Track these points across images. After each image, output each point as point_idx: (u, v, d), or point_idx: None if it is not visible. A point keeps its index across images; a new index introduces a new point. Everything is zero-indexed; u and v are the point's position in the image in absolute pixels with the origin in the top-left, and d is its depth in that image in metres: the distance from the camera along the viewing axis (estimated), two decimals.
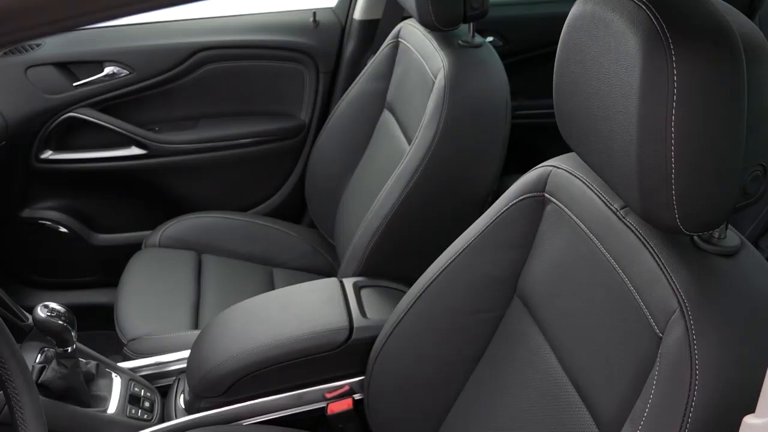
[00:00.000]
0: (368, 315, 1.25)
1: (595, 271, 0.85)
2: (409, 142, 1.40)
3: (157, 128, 1.88)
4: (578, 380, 0.85)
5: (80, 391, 1.18)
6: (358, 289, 1.32)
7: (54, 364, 1.16)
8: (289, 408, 1.22)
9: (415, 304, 1.09)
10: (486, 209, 1.07)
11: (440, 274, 1.07)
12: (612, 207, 0.85)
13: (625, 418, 0.74)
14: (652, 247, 0.78)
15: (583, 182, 0.91)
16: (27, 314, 1.25)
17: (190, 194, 1.92)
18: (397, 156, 1.42)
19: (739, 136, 0.67)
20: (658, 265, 0.76)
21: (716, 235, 0.77)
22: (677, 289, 0.73)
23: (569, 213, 0.91)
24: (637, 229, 0.81)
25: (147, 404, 1.26)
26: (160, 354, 1.37)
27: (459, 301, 1.06)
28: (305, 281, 1.42)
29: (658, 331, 0.74)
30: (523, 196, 0.99)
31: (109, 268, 1.78)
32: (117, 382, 1.26)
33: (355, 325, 1.22)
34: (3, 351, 0.97)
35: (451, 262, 1.07)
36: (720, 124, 0.66)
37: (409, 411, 1.12)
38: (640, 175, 0.69)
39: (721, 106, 0.66)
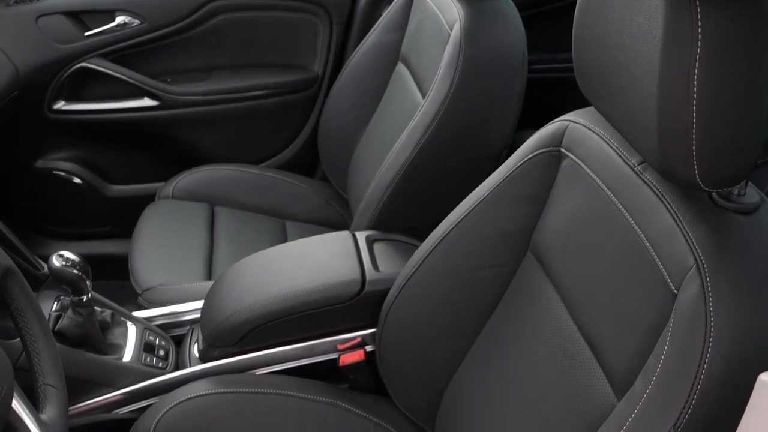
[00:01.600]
0: (380, 268, 1.25)
1: (610, 227, 0.85)
2: (424, 95, 1.38)
3: (169, 79, 1.87)
4: (590, 335, 0.85)
5: (96, 338, 1.20)
6: (370, 242, 1.32)
7: (70, 312, 1.17)
8: (302, 359, 1.23)
9: (427, 258, 1.10)
10: (501, 164, 1.06)
11: (453, 228, 1.07)
12: (629, 162, 0.84)
13: (637, 373, 0.74)
14: (669, 203, 0.77)
15: (601, 137, 0.90)
16: (42, 263, 1.26)
17: (202, 146, 1.92)
18: (411, 109, 1.40)
19: (763, 91, 0.66)
20: (675, 221, 0.75)
21: (735, 191, 0.76)
22: (694, 246, 0.72)
23: (585, 168, 0.90)
24: (654, 185, 0.80)
25: (162, 353, 1.27)
26: (174, 304, 1.39)
27: (472, 256, 1.05)
28: (318, 234, 1.42)
29: (673, 287, 0.73)
30: (539, 151, 0.98)
31: (123, 219, 1.79)
32: (132, 330, 1.27)
33: (368, 278, 1.22)
34: (20, 300, 0.98)
35: (464, 217, 1.06)
36: (743, 79, 0.65)
37: (419, 363, 1.13)
38: (660, 129, 0.68)
39: (746, 59, 0.64)
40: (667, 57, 0.65)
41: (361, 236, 1.33)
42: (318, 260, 1.28)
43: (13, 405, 0.87)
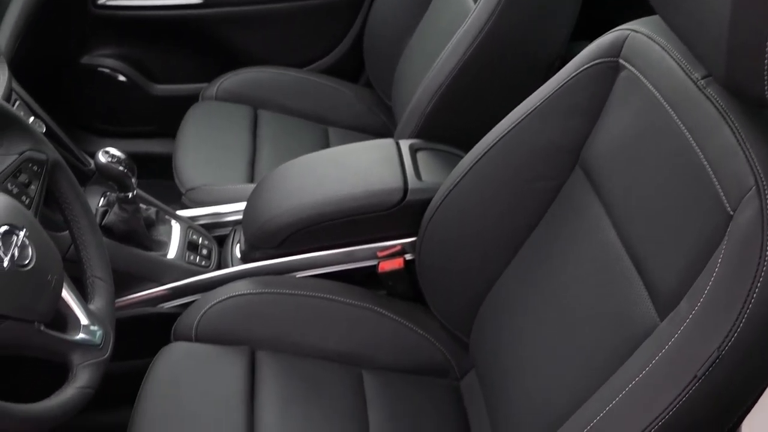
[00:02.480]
0: (423, 177, 1.24)
1: (666, 143, 0.81)
2: (475, 0, 1.33)
3: None
4: (636, 253, 0.83)
5: (141, 235, 1.22)
6: (414, 151, 1.30)
7: (116, 208, 1.19)
8: (341, 264, 1.24)
9: (472, 169, 1.08)
10: (553, 75, 1.02)
11: (500, 139, 1.05)
12: (692, 76, 0.80)
13: (683, 294, 0.73)
14: (732, 121, 0.73)
15: (663, 48, 0.85)
16: (89, 159, 1.28)
17: (246, 47, 1.89)
18: (461, 14, 1.35)
19: None
20: (737, 139, 0.72)
21: None
22: (755, 166, 0.69)
23: (644, 80, 0.86)
24: (717, 101, 0.76)
25: (204, 252, 1.30)
26: (217, 204, 1.40)
27: (518, 168, 1.03)
28: (360, 141, 1.40)
29: (729, 208, 0.71)
30: (596, 61, 0.94)
31: (167, 118, 1.80)
32: (176, 228, 1.29)
33: (410, 186, 1.21)
34: (68, 194, 1.00)
35: (512, 128, 1.03)
36: None
37: (458, 274, 1.13)
38: (731, 40, 0.64)
39: None
40: None
41: (405, 144, 1.31)
42: (360, 167, 1.27)
43: (63, 294, 0.90)
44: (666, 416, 0.65)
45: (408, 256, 1.23)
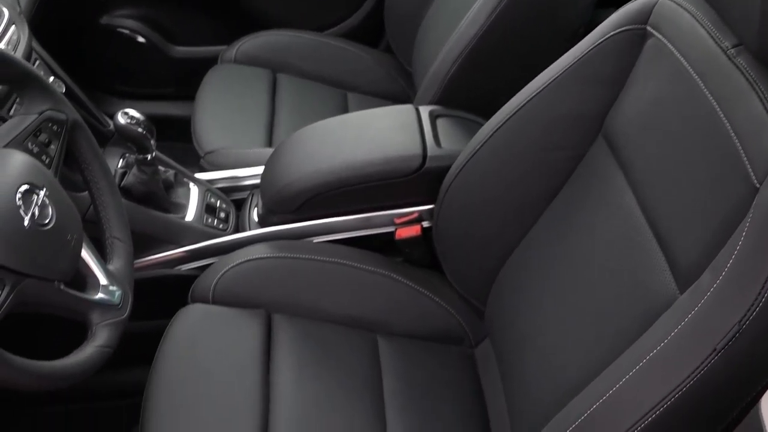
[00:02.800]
0: (443, 144, 1.23)
1: (692, 113, 0.80)
2: None
3: None
4: (657, 225, 0.82)
5: (160, 197, 1.22)
6: (433, 117, 1.29)
7: (135, 169, 1.20)
8: (358, 230, 1.24)
9: (492, 137, 1.07)
10: (577, 42, 1.00)
11: (522, 107, 1.03)
12: (722, 45, 0.78)
13: (705, 267, 0.72)
14: (762, 91, 0.72)
15: (693, 16, 0.83)
16: (108, 120, 1.28)
17: (266, 10, 1.87)
18: None
19: None
20: (767, 110, 0.70)
21: None
22: None
23: (672, 48, 0.84)
24: (747, 71, 0.74)
25: (222, 215, 1.30)
26: (235, 168, 1.40)
27: (539, 137, 1.02)
28: (379, 107, 1.39)
29: (755, 181, 0.69)
30: (622, 29, 0.92)
31: (186, 81, 1.79)
32: (194, 191, 1.30)
33: (429, 153, 1.20)
34: (87, 154, 1.00)
35: (534, 96, 1.02)
36: None
37: (476, 242, 1.13)
38: (764, 6, 0.62)
39: None
40: None
41: (425, 111, 1.30)
42: (379, 133, 1.26)
43: (82, 254, 0.91)
44: (683, 388, 0.65)
45: (425, 224, 1.22)
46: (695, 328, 0.67)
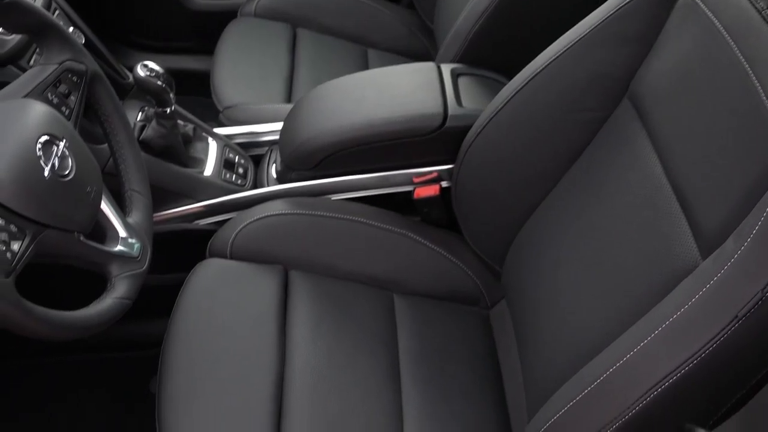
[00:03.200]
0: (464, 103, 1.21)
1: (723, 75, 0.78)
2: None
3: None
4: (682, 189, 0.81)
5: (179, 151, 1.22)
6: (455, 76, 1.27)
7: (154, 123, 1.19)
8: (377, 188, 1.23)
9: (515, 97, 1.05)
10: (605, 0, 0.98)
11: (546, 66, 1.01)
12: (757, 5, 0.75)
13: (729, 233, 0.71)
14: None
15: None
16: (128, 73, 1.27)
17: None
18: None
19: None
20: None
21: None
22: None
23: (704, 8, 0.82)
24: None
25: (241, 170, 1.30)
26: (254, 123, 1.39)
27: (563, 98, 1.00)
28: (400, 64, 1.37)
29: None
30: None
31: (205, 34, 1.77)
32: (213, 146, 1.29)
33: (450, 112, 1.18)
34: (107, 106, 0.99)
35: (559, 55, 1.00)
36: None
37: (495, 203, 1.12)
38: None
39: None
40: None
41: (446, 69, 1.28)
42: (400, 90, 1.25)
43: (101, 206, 0.91)
44: (702, 355, 0.65)
45: (444, 183, 1.21)
46: (717, 295, 0.66)
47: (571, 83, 0.99)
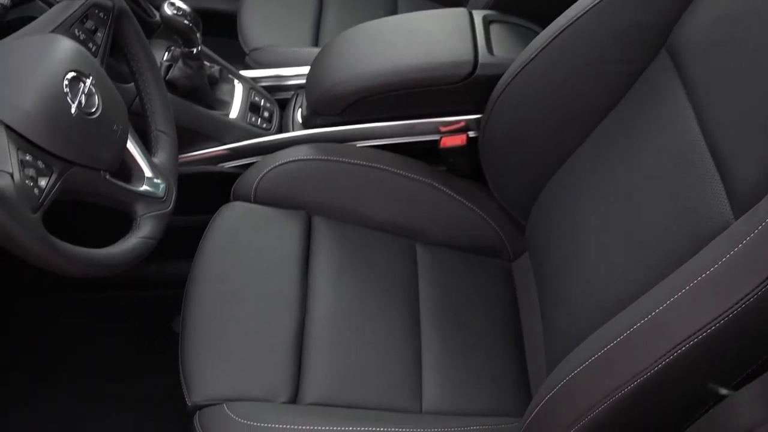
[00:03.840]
0: (495, 52, 1.18)
1: (766, 30, 0.75)
2: None
3: None
4: (718, 147, 0.78)
5: (204, 92, 1.21)
6: (487, 22, 1.24)
7: (180, 63, 1.18)
8: (403, 136, 1.22)
9: (548, 46, 1.02)
10: None
11: (581, 16, 0.98)
12: None
13: (763, 193, 0.69)
14: None
15: None
16: (155, 11, 1.25)
17: None
18: None
19: None
20: None
21: None
22: None
23: None
24: None
25: (266, 114, 1.29)
26: (281, 67, 1.38)
27: (598, 48, 0.97)
28: (430, 9, 1.34)
29: None
30: None
31: None
32: (239, 89, 1.28)
33: (480, 60, 1.16)
34: (133, 44, 0.98)
35: (595, 4, 0.97)
36: None
37: (523, 156, 1.10)
38: None
39: None
40: None
41: (478, 15, 1.25)
42: (429, 36, 1.22)
43: (127, 146, 0.91)
44: (730, 315, 0.64)
45: (471, 133, 1.19)
46: (748, 255, 0.65)
47: (607, 33, 0.96)
